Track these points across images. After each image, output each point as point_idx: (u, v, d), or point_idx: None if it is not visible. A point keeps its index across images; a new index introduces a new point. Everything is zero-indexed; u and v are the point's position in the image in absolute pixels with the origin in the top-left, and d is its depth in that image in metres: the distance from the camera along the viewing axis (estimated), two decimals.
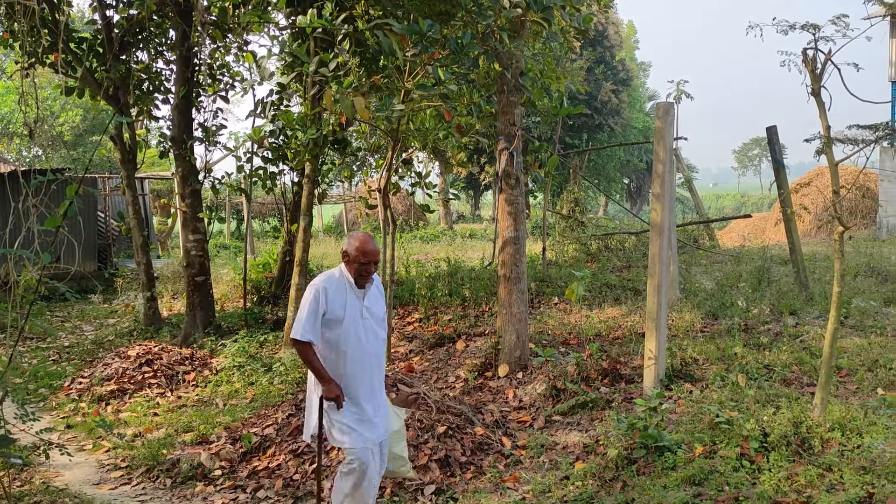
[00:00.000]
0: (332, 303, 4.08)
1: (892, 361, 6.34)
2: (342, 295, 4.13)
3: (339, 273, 4.21)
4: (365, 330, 4.19)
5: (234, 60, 10.51)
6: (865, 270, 11.29)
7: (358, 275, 4.14)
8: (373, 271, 4.17)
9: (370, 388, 4.21)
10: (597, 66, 27.78)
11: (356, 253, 4.12)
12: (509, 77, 7.11)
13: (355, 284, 4.16)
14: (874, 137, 5.19)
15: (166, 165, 20.81)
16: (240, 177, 10.20)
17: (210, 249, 13.65)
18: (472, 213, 40.13)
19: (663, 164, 6.49)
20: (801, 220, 20.27)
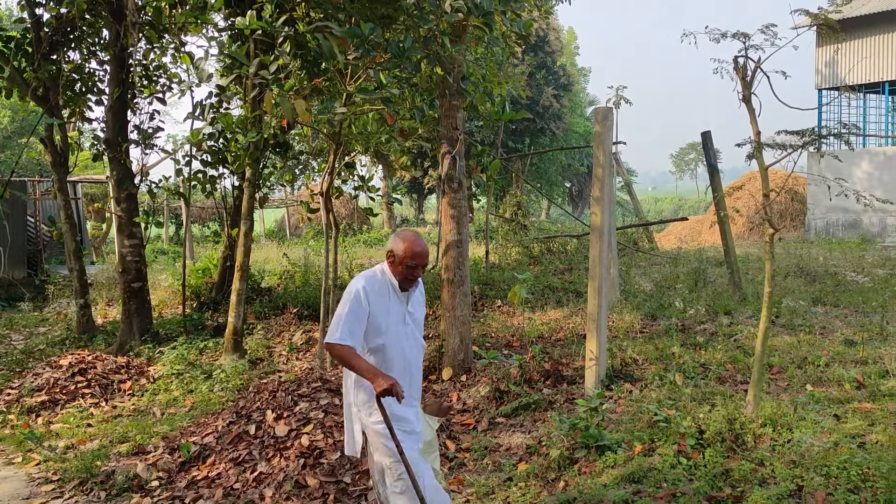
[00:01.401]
0: (375, 304, 3.69)
1: (819, 359, 6.59)
2: (384, 298, 3.75)
3: (382, 273, 3.79)
4: (407, 337, 3.84)
5: (172, 62, 10.28)
6: (795, 271, 11.71)
7: (404, 278, 3.75)
8: (420, 275, 3.78)
9: (408, 398, 3.81)
10: (538, 72, 28.13)
11: (404, 254, 3.71)
12: (451, 81, 7.14)
13: (399, 288, 3.78)
14: (801, 143, 5.39)
15: (100, 169, 20.20)
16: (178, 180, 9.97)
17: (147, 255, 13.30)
18: (416, 216, 40.13)
19: (603, 167, 6.61)
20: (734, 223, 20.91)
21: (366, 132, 8.76)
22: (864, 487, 3.94)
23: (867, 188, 17.69)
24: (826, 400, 5.50)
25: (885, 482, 3.84)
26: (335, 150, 7.66)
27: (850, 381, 5.89)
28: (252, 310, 10.25)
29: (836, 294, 9.85)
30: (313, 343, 8.78)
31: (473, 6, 6.40)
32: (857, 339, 7.24)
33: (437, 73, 7.33)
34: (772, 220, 5.29)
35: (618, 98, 28.01)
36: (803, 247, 16.96)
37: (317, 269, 11.99)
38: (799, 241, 19.28)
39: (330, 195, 7.80)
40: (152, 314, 9.86)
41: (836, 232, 19.80)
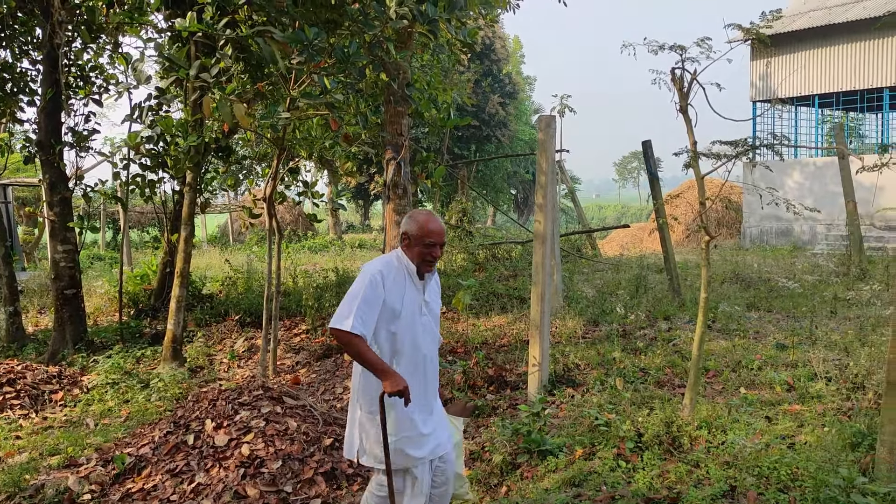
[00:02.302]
0: (389, 290, 3.41)
1: (753, 362, 6.79)
2: (400, 285, 3.47)
3: (397, 259, 3.52)
4: (423, 329, 3.56)
5: (109, 62, 10.02)
6: (731, 277, 12.06)
7: (422, 260, 3.48)
8: (438, 255, 3.51)
9: (423, 397, 3.58)
10: (484, 79, 28.35)
11: (419, 232, 3.45)
12: (396, 87, 7.15)
13: (416, 273, 3.52)
14: (735, 153, 5.56)
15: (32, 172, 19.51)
16: (115, 184, 9.69)
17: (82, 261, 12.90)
18: (361, 222, 39.94)
19: (546, 175, 6.69)
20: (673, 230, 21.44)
21: (310, 137, 8.70)
22: (794, 487, 4.08)
23: (798, 197, 18.35)
24: (758, 402, 5.68)
25: (813, 481, 3.98)
26: (279, 155, 7.58)
27: (781, 384, 6.09)
28: (192, 317, 10.04)
29: (769, 299, 10.17)
30: (255, 350, 8.65)
31: (418, 13, 6.43)
32: (788, 342, 7.49)
33: (383, 79, 7.33)
34: (708, 227, 5.44)
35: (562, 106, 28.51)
36: (739, 254, 17.48)
37: (260, 275, 11.82)
38: (735, 248, 19.87)
39: (273, 200, 7.71)
40: (87, 322, 9.57)
41: (770, 239, 20.46)
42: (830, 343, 7.39)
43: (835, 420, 5.05)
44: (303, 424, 5.33)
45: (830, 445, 4.52)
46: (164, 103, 8.76)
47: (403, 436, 3.47)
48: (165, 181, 9.82)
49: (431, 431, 3.57)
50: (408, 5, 6.34)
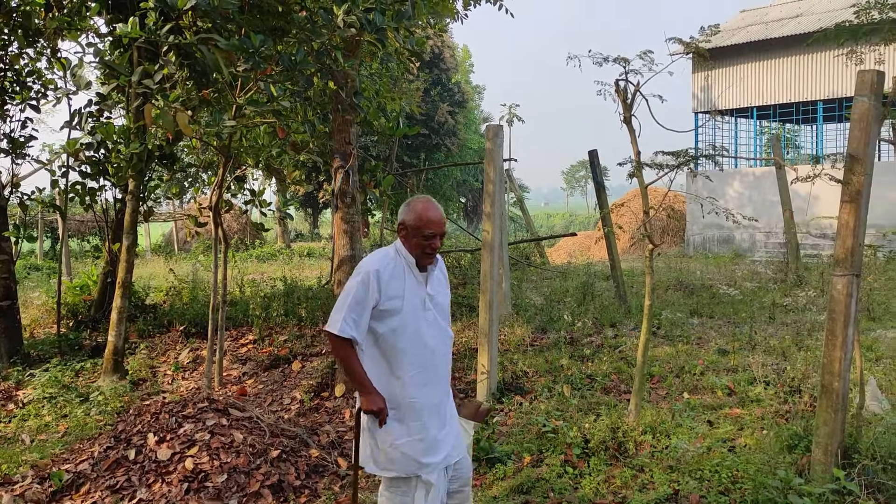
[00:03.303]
0: (387, 289, 3.23)
1: (696, 367, 6.96)
2: (399, 280, 3.28)
3: (395, 252, 3.34)
4: (428, 324, 3.32)
5: (47, 67, 9.73)
6: (675, 284, 12.33)
7: (421, 251, 3.29)
8: (438, 246, 3.32)
9: (437, 398, 3.35)
10: (433, 88, 28.47)
11: (416, 221, 3.27)
12: (344, 96, 7.13)
13: (416, 265, 3.33)
14: (676, 163, 5.70)
15: None
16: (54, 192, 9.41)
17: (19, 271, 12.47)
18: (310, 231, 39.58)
19: (494, 183, 6.75)
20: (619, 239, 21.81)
21: (257, 145, 8.60)
22: (734, 489, 4.19)
23: (738, 206, 18.87)
24: (701, 407, 5.82)
25: (752, 483, 4.09)
26: (225, 163, 7.47)
27: (722, 389, 6.25)
28: (135, 328, 9.80)
29: (711, 306, 10.43)
30: (201, 361, 8.48)
31: (366, 22, 6.42)
32: (729, 348, 7.69)
33: (330, 88, 7.29)
34: (651, 235, 5.56)
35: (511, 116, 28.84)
36: (683, 261, 17.89)
37: (206, 284, 11.61)
38: (679, 255, 20.33)
39: (219, 209, 7.59)
40: (23, 334, 9.24)
41: (712, 247, 21.00)
42: (769, 348, 7.61)
43: (773, 423, 5.21)
44: (249, 436, 5.24)
45: (769, 448, 4.66)
46: (105, 110, 8.55)
47: (414, 438, 3.24)
48: (107, 189, 9.57)
49: (445, 435, 3.34)
50: (355, 14, 6.33)
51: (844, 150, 4.21)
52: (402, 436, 3.23)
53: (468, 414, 3.71)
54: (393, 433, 3.23)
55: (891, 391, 5.79)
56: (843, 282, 4.15)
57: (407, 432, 3.24)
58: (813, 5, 21.61)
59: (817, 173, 4.79)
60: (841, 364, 4.15)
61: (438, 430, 3.32)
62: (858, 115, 4.14)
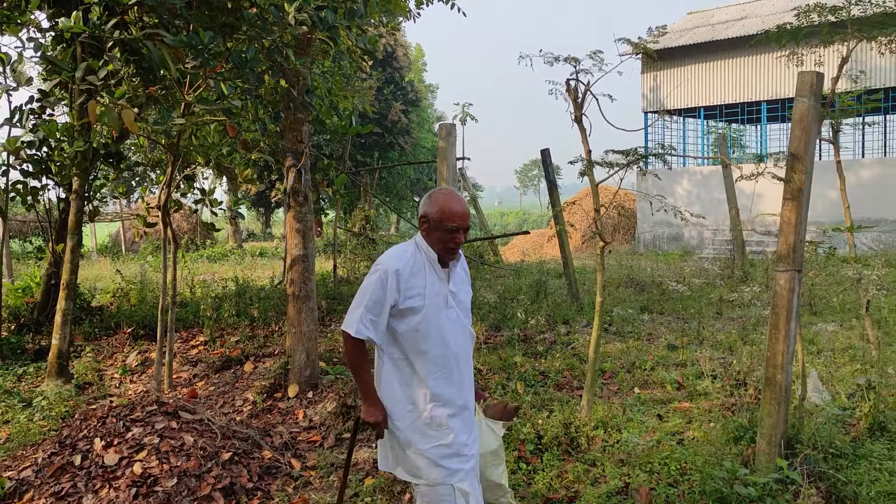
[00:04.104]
0: (407, 288, 3.05)
1: (646, 363, 7.09)
2: (420, 276, 3.10)
3: (416, 247, 3.17)
4: (451, 322, 3.15)
5: None
6: (626, 281, 12.54)
7: (444, 246, 3.11)
8: (462, 241, 3.14)
9: (461, 400, 3.18)
10: (386, 87, 28.39)
11: (440, 214, 3.08)
12: (296, 94, 7.06)
13: (438, 260, 3.15)
14: (626, 161, 5.80)
15: None
16: None
17: None
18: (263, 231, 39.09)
19: (447, 182, 6.77)
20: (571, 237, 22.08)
21: (207, 144, 8.45)
22: (682, 480, 4.28)
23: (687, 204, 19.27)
24: (651, 401, 5.93)
25: (700, 475, 4.19)
26: (174, 162, 7.32)
27: (672, 383, 6.38)
28: (80, 331, 9.55)
29: (661, 302, 10.63)
30: (149, 364, 8.31)
31: (318, 20, 6.37)
32: (678, 343, 7.86)
33: (282, 86, 7.21)
34: (602, 233, 5.64)
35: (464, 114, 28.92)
36: (633, 258, 18.20)
37: (155, 285, 11.38)
38: (630, 253, 20.67)
39: (168, 208, 7.44)
40: None
41: (662, 244, 21.40)
42: (716, 343, 7.80)
43: (720, 416, 5.34)
44: (200, 439, 5.16)
45: (716, 440, 4.77)
46: (47, 107, 8.30)
47: (440, 444, 3.06)
48: (50, 188, 9.30)
49: (472, 440, 3.21)
50: (307, 11, 6.27)
51: (787, 150, 4.34)
52: (425, 441, 3.07)
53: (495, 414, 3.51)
54: (416, 438, 3.08)
55: (831, 383, 5.98)
56: (785, 277, 4.27)
57: (431, 438, 3.08)
58: (757, 8, 22.18)
59: (760, 172, 4.92)
60: (784, 357, 4.27)
61: (466, 434, 3.16)
62: (799, 115, 4.27)
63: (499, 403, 3.64)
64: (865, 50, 6.05)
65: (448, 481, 3.06)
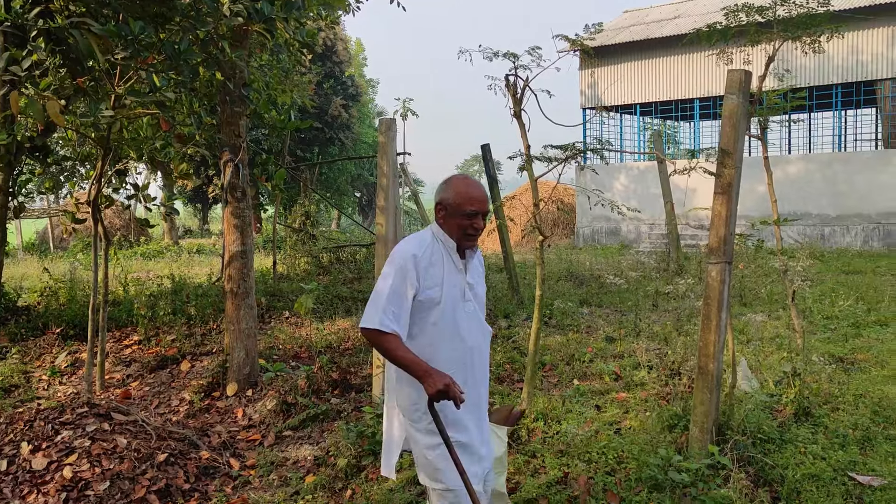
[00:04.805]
0: (426, 278, 2.91)
1: (585, 355, 7.21)
2: (438, 267, 2.96)
3: (432, 236, 3.02)
4: (467, 317, 3.02)
5: None
6: (566, 275, 12.73)
7: (463, 233, 2.97)
8: (482, 227, 3.00)
9: (476, 400, 3.04)
10: (326, 81, 28.09)
11: (457, 199, 2.95)
12: (232, 87, 6.92)
13: (456, 250, 3.01)
14: (564, 156, 5.88)
15: None
16: None
17: None
18: (200, 227, 38.25)
19: (387, 177, 6.74)
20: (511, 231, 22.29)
21: (139, 137, 8.21)
22: (619, 469, 4.38)
23: (624, 199, 19.67)
24: (590, 392, 6.04)
25: (636, 462, 4.30)
26: (104, 156, 7.09)
27: (610, 374, 6.51)
28: (5, 331, 9.17)
29: (599, 295, 10.83)
30: (80, 365, 8.05)
31: (254, 11, 6.26)
32: (616, 335, 8.02)
33: (218, 78, 7.06)
34: (541, 227, 5.71)
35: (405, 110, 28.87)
36: (573, 253, 18.48)
37: (85, 284, 11.00)
38: (569, 247, 20.99)
39: (99, 204, 7.21)
40: None
41: (601, 239, 21.80)
42: (652, 334, 7.99)
43: (655, 405, 5.47)
44: (134, 441, 5.02)
45: (651, 428, 4.89)
46: None
47: (455, 441, 2.91)
48: None
49: (485, 440, 3.09)
50: (242, 2, 6.16)
51: (718, 145, 4.48)
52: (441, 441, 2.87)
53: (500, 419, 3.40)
54: (431, 438, 2.93)
55: (759, 371, 6.20)
56: (716, 269, 4.40)
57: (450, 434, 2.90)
58: (690, 8, 22.76)
59: (693, 167, 5.06)
60: (715, 347, 4.41)
61: (478, 434, 3.06)
62: (728, 111, 4.41)
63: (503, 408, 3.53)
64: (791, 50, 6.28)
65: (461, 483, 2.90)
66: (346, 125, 29.65)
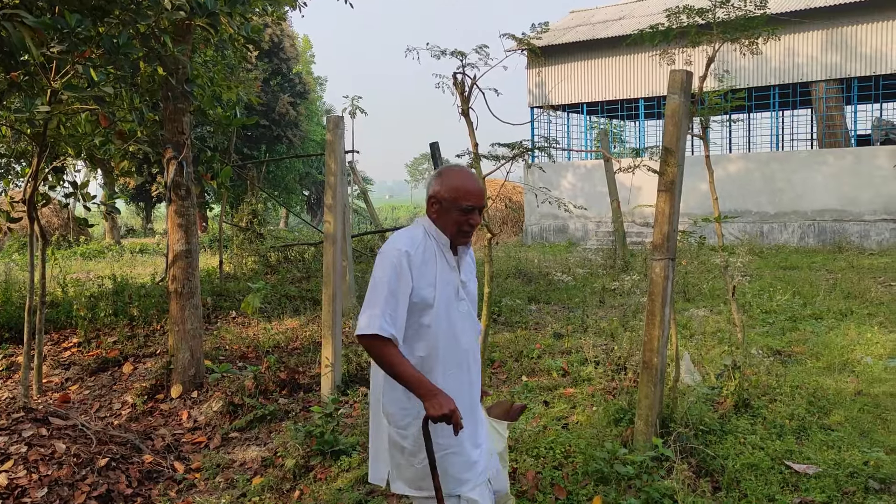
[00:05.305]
0: (420, 276, 2.75)
1: (533, 351, 7.28)
2: (431, 264, 2.80)
3: (424, 232, 2.86)
4: (461, 317, 2.88)
5: None
6: (514, 272, 12.82)
7: (458, 229, 2.82)
8: (478, 222, 2.85)
9: (469, 403, 2.92)
10: (273, 78, 27.72)
11: (453, 193, 2.80)
12: (175, 83, 6.78)
13: (450, 246, 2.86)
14: (512, 155, 5.93)
15: None
16: None
17: None
18: (143, 226, 37.34)
19: (335, 175, 6.69)
20: None
21: (77, 134, 7.97)
22: (567, 463, 4.43)
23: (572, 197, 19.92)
24: (538, 388, 6.11)
25: (583, 456, 4.36)
26: (40, 153, 6.87)
27: (558, 370, 6.58)
28: None
29: (547, 292, 10.95)
30: (15, 369, 7.78)
31: (197, 6, 6.13)
32: (564, 331, 8.12)
33: (160, 74, 6.90)
34: (489, 225, 5.74)
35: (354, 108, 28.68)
36: (521, 250, 18.63)
37: (21, 285, 10.64)
38: (518, 245, 21.17)
39: (35, 203, 6.98)
40: None
41: (549, 236, 22.03)
42: (599, 330, 8.11)
43: (602, 400, 5.56)
44: (73, 446, 4.88)
45: (598, 423, 4.97)
46: None
47: (449, 452, 2.81)
48: None
49: (482, 444, 2.98)
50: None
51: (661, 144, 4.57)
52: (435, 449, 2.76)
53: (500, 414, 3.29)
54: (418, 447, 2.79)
55: (702, 364, 6.35)
56: (660, 265, 4.49)
57: (440, 445, 2.79)
58: (635, 9, 23.17)
59: (637, 165, 5.16)
60: (659, 341, 4.50)
61: (476, 438, 2.95)
62: (671, 111, 4.50)
63: (504, 402, 3.41)
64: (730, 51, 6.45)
65: (456, 491, 2.83)
66: (293, 123, 29.30)
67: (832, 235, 17.75)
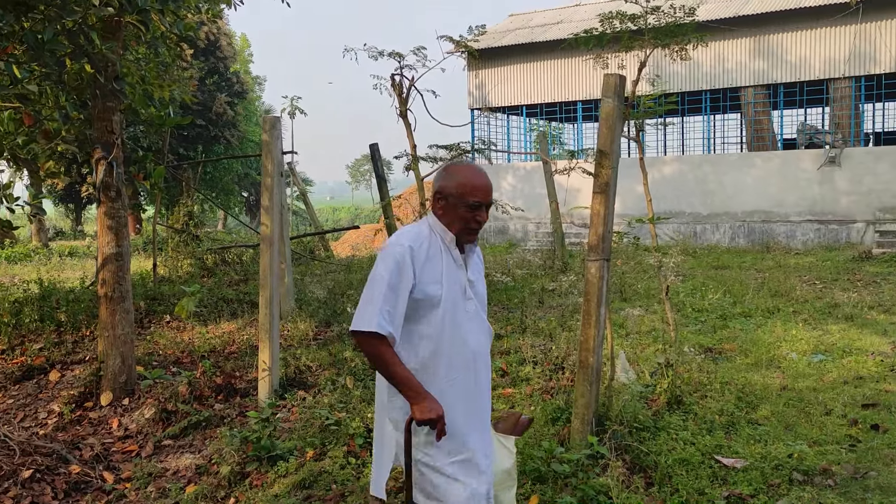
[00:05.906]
0: (423, 273, 2.64)
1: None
2: (436, 261, 2.70)
3: (429, 229, 2.76)
4: (469, 317, 2.77)
5: None
6: None
7: (464, 226, 2.72)
8: (485, 219, 2.75)
9: (477, 410, 2.80)
10: (210, 77, 27.17)
11: (460, 189, 2.71)
12: (103, 81, 6.57)
13: (456, 244, 2.75)
14: (450, 156, 5.95)
15: None
16: None
17: None
18: (73, 228, 36.11)
19: (272, 176, 6.60)
20: None
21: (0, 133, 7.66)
22: None
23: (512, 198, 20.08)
24: None
25: (521, 456, 4.39)
26: None
27: (497, 370, 6.62)
28: None
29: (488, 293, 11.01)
30: None
31: (126, 2, 5.97)
32: (503, 332, 8.18)
33: (88, 71, 6.68)
34: None
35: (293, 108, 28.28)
36: None
37: None
38: None
39: None
40: None
41: (489, 238, 22.18)
42: (538, 330, 8.20)
43: (540, 399, 5.62)
44: None
45: (536, 422, 5.02)
46: None
47: (457, 459, 2.70)
48: None
49: (487, 452, 2.86)
50: None
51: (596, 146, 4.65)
52: (443, 456, 2.69)
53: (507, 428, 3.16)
54: (433, 453, 2.69)
55: (636, 363, 6.49)
56: (595, 266, 4.57)
57: (449, 452, 2.71)
58: (572, 14, 23.54)
59: (573, 167, 5.24)
60: (595, 341, 4.58)
61: (484, 446, 2.85)
62: (605, 114, 4.59)
63: (511, 416, 3.29)
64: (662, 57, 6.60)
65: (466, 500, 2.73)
66: (231, 123, 28.78)
67: (761, 236, 18.37)
